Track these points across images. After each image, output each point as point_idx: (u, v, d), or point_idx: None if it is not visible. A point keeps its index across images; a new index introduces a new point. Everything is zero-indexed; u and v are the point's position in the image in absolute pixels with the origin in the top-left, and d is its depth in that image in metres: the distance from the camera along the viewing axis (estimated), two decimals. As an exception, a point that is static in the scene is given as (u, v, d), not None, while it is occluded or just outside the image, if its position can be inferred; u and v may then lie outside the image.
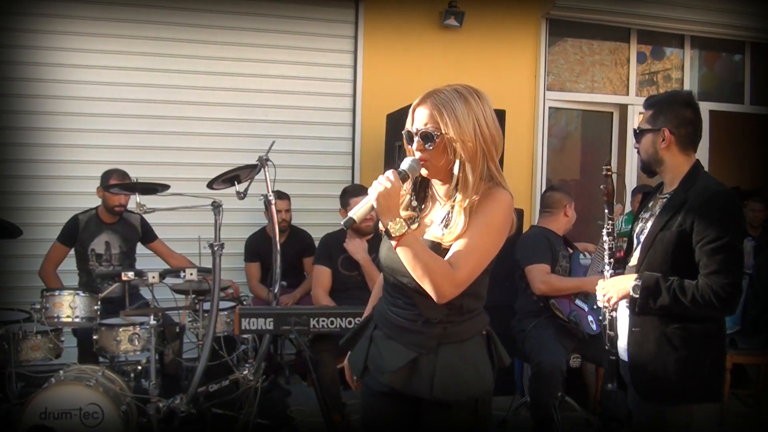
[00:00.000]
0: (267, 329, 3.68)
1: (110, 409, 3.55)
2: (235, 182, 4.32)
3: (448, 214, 2.16)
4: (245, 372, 4.35)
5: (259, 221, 5.64)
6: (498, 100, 5.98)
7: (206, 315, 4.20)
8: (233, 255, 5.63)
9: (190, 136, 5.91)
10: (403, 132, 2.21)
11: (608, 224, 2.94)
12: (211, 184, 4.32)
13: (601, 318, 2.96)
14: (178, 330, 4.55)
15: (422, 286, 2.07)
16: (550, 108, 6.88)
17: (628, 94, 7.13)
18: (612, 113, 7.23)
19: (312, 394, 3.85)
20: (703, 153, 6.54)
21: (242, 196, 4.31)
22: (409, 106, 5.11)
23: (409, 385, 2.20)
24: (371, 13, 6.24)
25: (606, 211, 2.95)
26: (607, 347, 2.85)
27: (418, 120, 2.16)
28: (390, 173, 2.07)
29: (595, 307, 4.38)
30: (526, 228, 5.16)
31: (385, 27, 6.27)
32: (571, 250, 4.73)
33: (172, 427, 3.99)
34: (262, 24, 6.03)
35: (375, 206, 2.04)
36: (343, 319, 3.66)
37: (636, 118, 7.05)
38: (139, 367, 4.21)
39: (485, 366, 2.26)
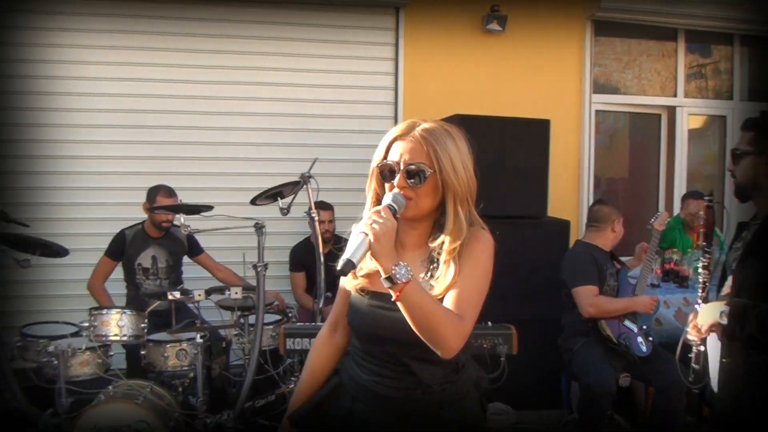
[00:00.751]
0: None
1: (158, 425, 3.58)
2: (278, 198, 4.36)
3: (430, 262, 1.98)
4: (291, 386, 4.39)
5: (303, 230, 5.63)
6: (543, 104, 6.11)
7: (251, 329, 4.24)
8: (278, 264, 5.67)
9: (232, 146, 5.98)
10: (375, 164, 1.99)
11: (705, 257, 2.85)
12: (254, 201, 4.37)
13: (689, 352, 2.87)
14: (224, 345, 4.59)
15: (427, 340, 1.81)
16: (596, 111, 6.78)
17: (676, 96, 6.98)
18: (660, 115, 7.09)
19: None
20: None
21: (286, 212, 4.35)
22: (453, 115, 5.11)
23: None
24: (412, 19, 6.20)
25: (704, 243, 2.86)
26: (690, 380, 2.80)
27: (402, 153, 1.94)
28: (382, 209, 1.83)
29: (644, 327, 4.31)
30: (572, 241, 5.09)
31: (427, 33, 6.23)
32: (618, 266, 4.63)
33: (220, 441, 4.05)
34: (302, 33, 6.05)
35: (372, 248, 1.75)
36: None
37: (684, 120, 6.94)
38: (187, 382, 4.26)
39: (484, 423, 2.16)
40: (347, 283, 2.05)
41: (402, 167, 1.93)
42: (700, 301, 2.79)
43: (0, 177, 5.57)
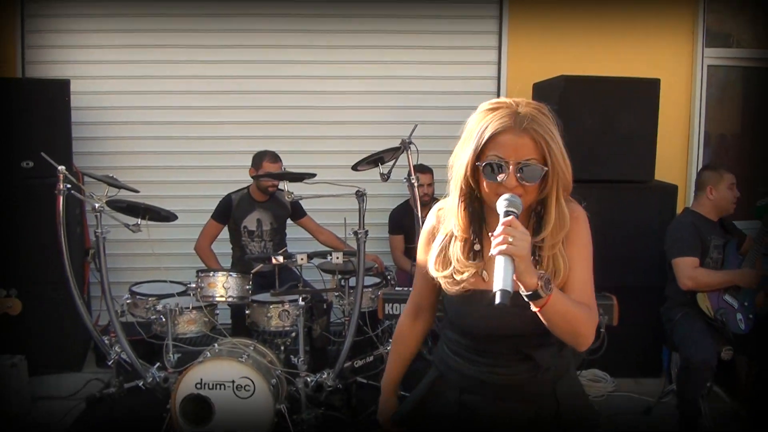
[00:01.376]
0: (409, 313, 3.77)
1: (261, 382, 3.70)
2: (379, 164, 4.40)
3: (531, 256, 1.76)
4: (389, 347, 4.47)
5: (403, 193, 5.66)
6: (653, 63, 5.83)
7: (352, 292, 4.33)
8: (378, 226, 5.74)
9: (335, 110, 6.05)
10: (486, 163, 1.80)
11: None
12: (356, 166, 4.42)
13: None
14: (325, 307, 4.70)
15: (567, 340, 1.83)
16: (709, 66, 6.45)
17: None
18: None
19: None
20: None
21: (386, 177, 4.38)
22: (557, 76, 4.92)
23: None
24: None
25: None
26: None
27: (512, 149, 1.78)
28: (512, 221, 1.67)
29: (746, 303, 4.12)
30: (680, 208, 4.91)
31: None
32: (728, 237, 4.38)
33: (319, 398, 4.18)
34: (404, 10, 6.05)
35: (517, 269, 1.63)
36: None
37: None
38: (289, 341, 4.42)
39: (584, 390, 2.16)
40: (447, 287, 1.92)
41: (512, 165, 1.78)
42: None
43: (107, 143, 5.86)
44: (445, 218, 1.97)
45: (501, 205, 1.74)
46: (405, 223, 5.49)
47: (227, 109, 5.93)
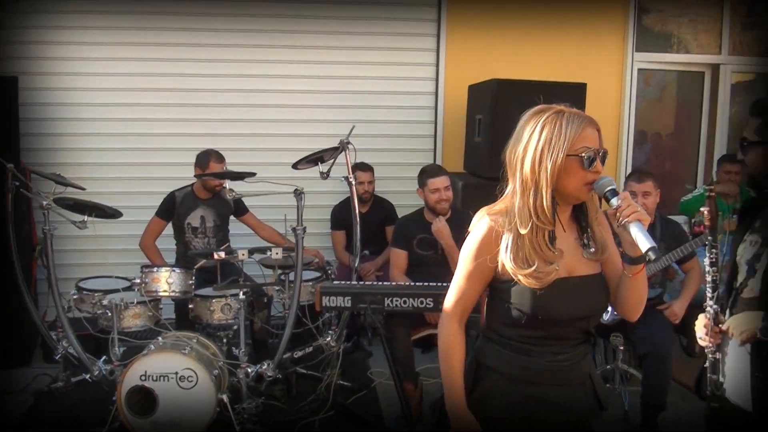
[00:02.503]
0: (345, 306, 4.01)
1: (203, 373, 3.86)
2: (319, 163, 4.58)
3: (585, 237, 2.16)
4: (328, 339, 4.69)
5: (344, 190, 5.79)
6: (585, 66, 6.10)
7: (292, 286, 4.51)
8: (320, 221, 5.95)
9: (276, 108, 6.21)
10: (584, 154, 2.01)
11: (711, 253, 2.51)
12: (296, 165, 4.60)
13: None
14: (266, 300, 4.90)
15: (640, 306, 2.18)
16: (639, 70, 6.78)
17: (720, 53, 6.91)
18: (703, 73, 7.04)
19: (393, 355, 4.16)
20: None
21: (325, 176, 4.57)
22: (491, 79, 5.13)
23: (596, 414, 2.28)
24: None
25: (710, 237, 2.53)
26: (708, 393, 2.49)
27: (597, 140, 2.05)
28: (626, 196, 2.00)
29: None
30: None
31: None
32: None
33: (260, 388, 4.38)
34: (345, 11, 6.23)
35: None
36: (416, 299, 3.90)
37: (728, 78, 6.87)
38: (231, 334, 4.60)
39: None
40: (532, 282, 2.05)
41: (600, 154, 2.03)
42: (711, 302, 2.47)
43: (54, 140, 5.94)
44: (507, 219, 2.10)
45: (604, 185, 2.02)
46: (346, 219, 5.60)
47: (170, 106, 6.04)
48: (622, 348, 4.51)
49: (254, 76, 6.13)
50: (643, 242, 1.93)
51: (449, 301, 2.26)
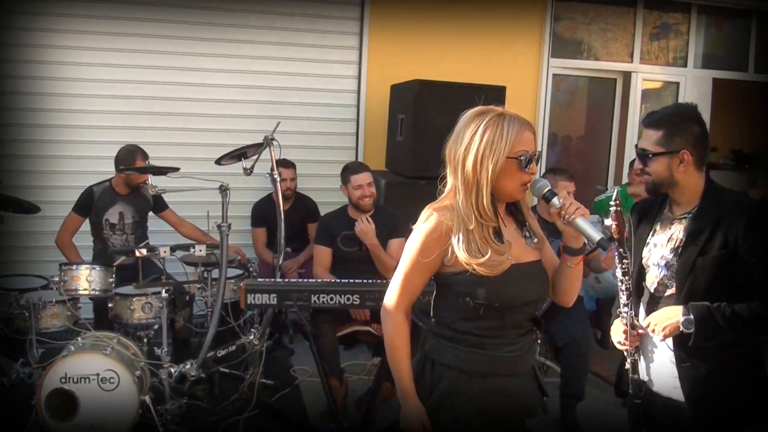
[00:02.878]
0: (270, 304, 3.96)
1: (125, 374, 3.76)
2: (242, 159, 4.55)
3: (524, 230, 2.32)
4: (251, 337, 4.65)
5: (267, 186, 5.80)
6: (503, 69, 6.25)
7: (214, 284, 4.46)
8: (242, 218, 5.87)
9: (202, 117, 6.15)
10: (522, 157, 2.14)
11: (623, 264, 2.59)
12: (219, 161, 4.55)
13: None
14: (188, 298, 4.81)
15: (572, 296, 2.38)
16: (554, 75, 6.98)
17: (632, 62, 7.20)
18: (615, 80, 7.32)
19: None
20: (704, 119, 6.65)
21: (249, 172, 4.55)
22: (413, 80, 5.22)
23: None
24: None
25: (620, 249, 2.58)
26: (631, 392, 2.63)
27: (532, 144, 2.19)
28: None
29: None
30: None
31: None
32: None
33: (183, 388, 4.30)
34: (269, 7, 6.19)
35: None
36: (342, 296, 3.91)
37: (639, 85, 7.16)
38: (152, 333, 4.48)
39: None
40: (488, 271, 2.13)
41: (536, 156, 2.19)
42: (626, 309, 2.59)
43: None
44: (454, 215, 2.18)
45: (542, 187, 2.22)
46: (267, 216, 5.62)
47: (89, 98, 5.86)
48: (539, 341, 4.65)
49: (176, 69, 6.02)
50: (594, 234, 2.13)
51: (394, 294, 2.31)
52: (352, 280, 4.12)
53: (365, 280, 4.03)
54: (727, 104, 7.82)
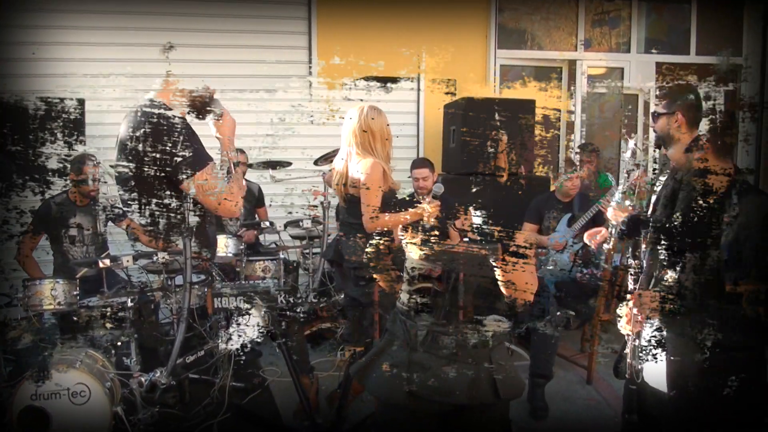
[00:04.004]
0: (238, 307, 3.99)
1: (96, 387, 3.77)
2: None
3: None
4: (219, 341, 4.65)
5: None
6: (452, 61, 6.33)
7: (178, 290, 4.45)
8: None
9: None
10: None
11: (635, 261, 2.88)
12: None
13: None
14: (153, 307, 4.80)
15: None
16: (501, 66, 7.10)
17: (576, 50, 7.34)
18: (561, 68, 7.46)
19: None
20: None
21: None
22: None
23: None
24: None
25: (635, 261, 2.86)
26: (627, 376, 2.80)
27: None
28: None
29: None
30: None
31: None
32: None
33: (154, 396, 4.29)
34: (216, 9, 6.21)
35: None
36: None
37: (584, 72, 7.30)
38: (119, 344, 4.46)
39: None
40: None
41: None
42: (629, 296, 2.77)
43: None
44: None
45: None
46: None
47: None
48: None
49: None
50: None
51: None
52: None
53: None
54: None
